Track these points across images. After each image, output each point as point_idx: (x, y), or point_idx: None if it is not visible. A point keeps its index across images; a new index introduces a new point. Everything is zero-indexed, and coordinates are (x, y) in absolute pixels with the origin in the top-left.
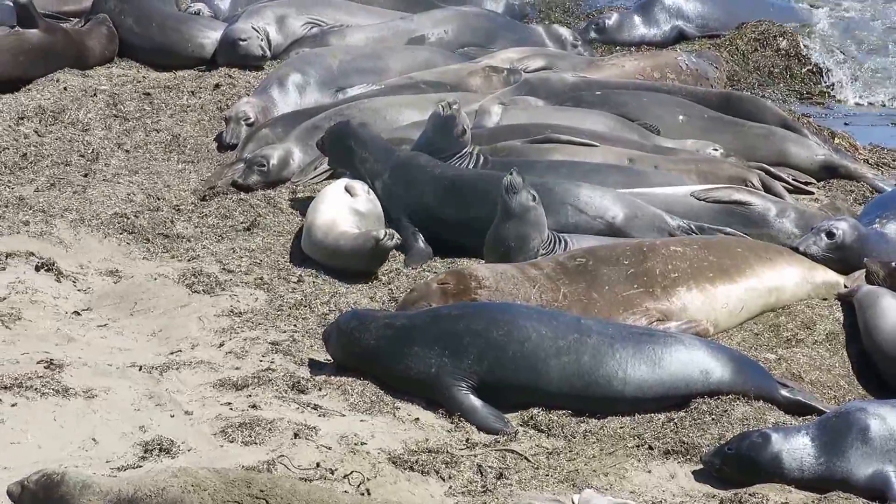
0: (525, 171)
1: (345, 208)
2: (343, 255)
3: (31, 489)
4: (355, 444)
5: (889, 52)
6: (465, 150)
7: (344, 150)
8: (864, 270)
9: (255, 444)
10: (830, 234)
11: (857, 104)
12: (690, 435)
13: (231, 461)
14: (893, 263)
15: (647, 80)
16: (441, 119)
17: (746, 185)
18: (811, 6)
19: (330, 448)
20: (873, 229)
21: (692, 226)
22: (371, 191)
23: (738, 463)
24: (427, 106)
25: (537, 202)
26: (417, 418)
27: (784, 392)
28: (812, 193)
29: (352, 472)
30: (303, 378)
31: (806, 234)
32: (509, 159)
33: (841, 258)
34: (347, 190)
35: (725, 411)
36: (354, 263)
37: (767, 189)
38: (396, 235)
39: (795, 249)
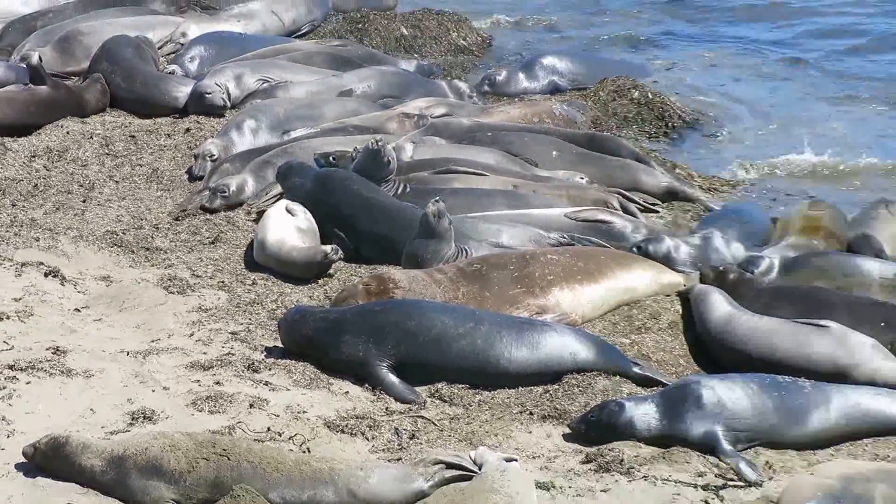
0: (432, 194)
1: (290, 226)
2: (294, 264)
3: (42, 449)
4: (298, 412)
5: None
6: (390, 178)
7: (282, 178)
8: (699, 273)
9: (219, 412)
10: (639, 248)
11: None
12: (562, 403)
13: (200, 426)
14: (720, 268)
15: (528, 123)
16: (371, 152)
17: (608, 207)
18: (651, 60)
19: (278, 416)
20: (702, 239)
21: (565, 236)
22: (307, 210)
23: (600, 426)
24: (354, 145)
25: (452, 225)
26: (347, 392)
27: (636, 369)
28: (658, 212)
29: (295, 435)
30: (256, 360)
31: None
32: (425, 187)
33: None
34: (288, 210)
35: (590, 384)
36: (303, 272)
37: (625, 209)
38: (340, 251)
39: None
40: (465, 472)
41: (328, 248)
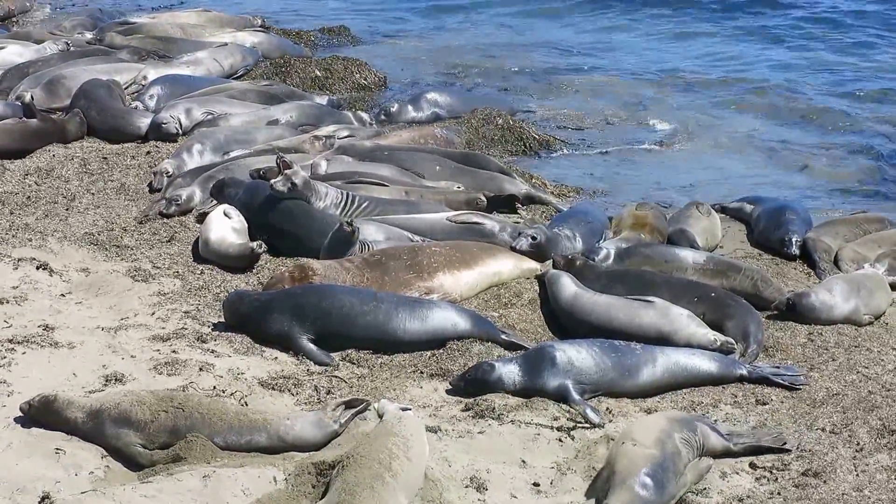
0: (353, 201)
1: (227, 227)
2: (230, 257)
3: (35, 406)
4: (238, 374)
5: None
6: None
7: (217, 191)
8: (552, 261)
9: (175, 375)
10: (534, 238)
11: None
12: (446, 364)
13: (160, 386)
14: (569, 256)
15: (416, 144)
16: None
17: (478, 204)
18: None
19: (222, 377)
20: (555, 234)
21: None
22: (240, 213)
23: (475, 382)
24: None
25: (358, 234)
26: (276, 357)
27: (504, 336)
28: (519, 213)
29: (236, 392)
30: (205, 333)
31: (517, 238)
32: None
33: (538, 252)
34: (225, 214)
35: (467, 349)
36: (237, 262)
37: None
38: (264, 245)
39: (512, 248)
40: (361, 407)
41: (255, 244)
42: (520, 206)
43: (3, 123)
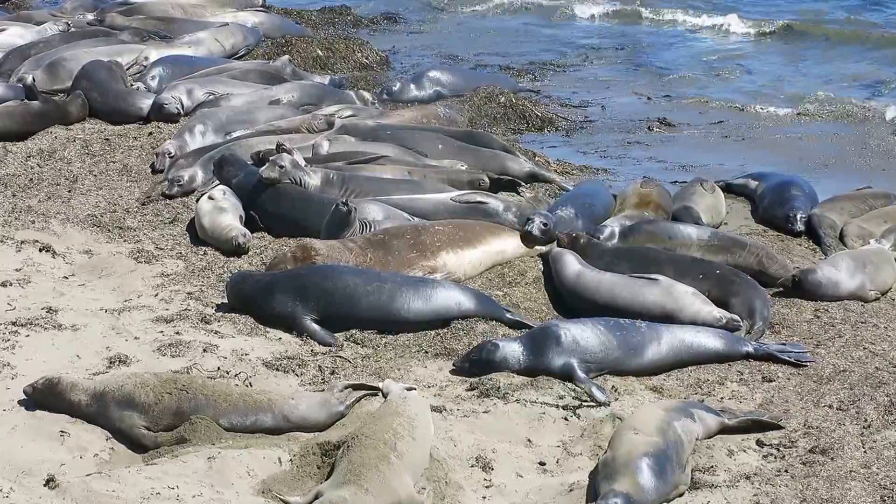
0: (353, 181)
1: (215, 210)
2: (221, 241)
3: (39, 389)
4: (242, 354)
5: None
6: (315, 170)
7: (217, 167)
8: (556, 239)
9: (179, 356)
10: (545, 224)
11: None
12: (450, 343)
13: (164, 367)
14: (573, 234)
15: (418, 123)
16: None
17: (480, 184)
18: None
19: (226, 358)
20: (558, 214)
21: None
22: (226, 190)
23: (480, 362)
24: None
25: (355, 216)
26: (280, 338)
27: (508, 315)
28: (522, 192)
29: (240, 373)
30: (208, 314)
31: (523, 220)
32: (348, 174)
33: (549, 238)
34: (211, 197)
35: (472, 328)
36: (224, 245)
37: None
38: (248, 236)
39: (523, 234)
40: (369, 390)
41: (237, 239)
42: (522, 187)
43: (4, 106)
